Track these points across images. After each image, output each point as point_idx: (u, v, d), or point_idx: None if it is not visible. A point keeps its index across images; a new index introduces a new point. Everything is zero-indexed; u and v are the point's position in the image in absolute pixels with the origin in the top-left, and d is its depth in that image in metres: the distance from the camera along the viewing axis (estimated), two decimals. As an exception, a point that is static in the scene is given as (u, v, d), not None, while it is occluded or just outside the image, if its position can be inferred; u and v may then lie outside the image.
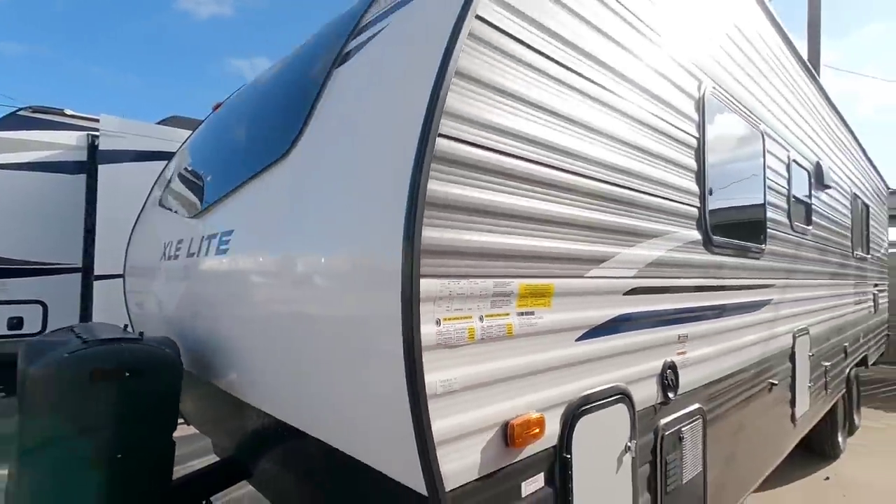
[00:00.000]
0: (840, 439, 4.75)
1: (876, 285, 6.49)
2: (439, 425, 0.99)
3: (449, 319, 1.04)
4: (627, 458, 1.53)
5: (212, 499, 2.45)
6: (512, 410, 1.16)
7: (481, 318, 1.11)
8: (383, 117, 1.22)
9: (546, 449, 1.26)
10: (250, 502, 2.82)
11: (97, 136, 5.81)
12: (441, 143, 1.02)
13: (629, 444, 1.53)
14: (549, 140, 1.30)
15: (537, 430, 1.20)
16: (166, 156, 5.68)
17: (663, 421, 1.74)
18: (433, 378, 0.98)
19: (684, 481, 1.83)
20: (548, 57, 1.31)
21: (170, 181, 2.83)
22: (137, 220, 3.32)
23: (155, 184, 3.26)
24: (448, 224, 1.03)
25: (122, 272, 5.16)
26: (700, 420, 1.96)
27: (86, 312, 5.71)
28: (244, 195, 1.79)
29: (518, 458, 1.18)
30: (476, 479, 1.08)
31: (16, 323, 5.41)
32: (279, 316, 1.44)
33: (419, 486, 1.00)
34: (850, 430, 5.27)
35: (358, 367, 1.13)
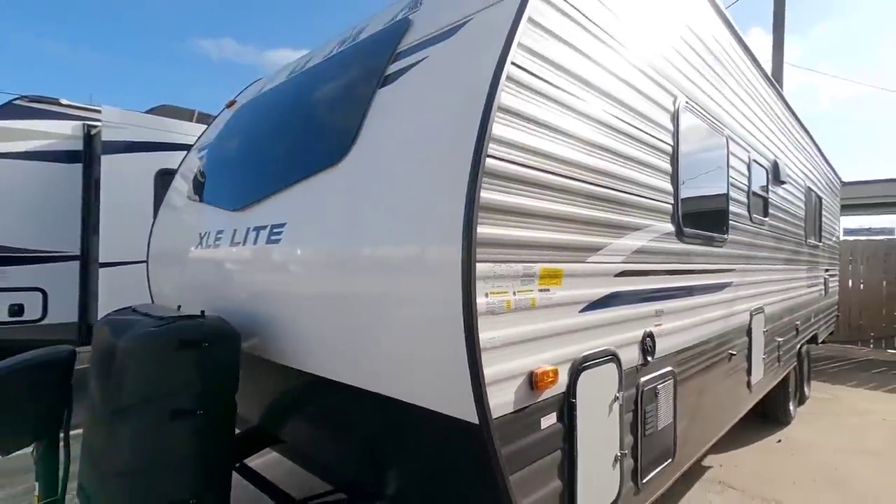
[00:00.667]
0: (791, 408, 5.35)
1: (827, 270, 7.13)
2: (488, 371, 1.35)
3: (493, 293, 1.39)
4: (616, 406, 1.93)
5: (246, 462, 2.78)
6: (535, 363, 1.53)
7: (514, 293, 1.47)
8: (438, 138, 1.55)
9: (558, 394, 1.64)
10: (281, 469, 3.13)
11: (93, 126, 5.91)
12: (489, 162, 1.36)
13: (617, 395, 1.93)
14: (562, 155, 1.66)
15: (552, 379, 1.58)
16: (164, 146, 5.87)
17: (643, 379, 2.16)
18: (484, 336, 1.34)
19: (659, 428, 2.26)
20: (562, 89, 1.66)
21: (200, 176, 3.08)
22: (160, 211, 3.54)
23: (177, 175, 3.48)
24: (494, 222, 1.39)
25: (126, 260, 5.35)
26: (672, 380, 2.39)
27: (84, 299, 5.86)
28: (294, 194, 2.10)
29: (539, 399, 1.56)
30: (511, 412, 1.45)
31: (17, 310, 5.54)
32: (344, 294, 1.77)
33: (472, 417, 1.35)
34: (801, 400, 5.90)
35: (422, 332, 1.48)
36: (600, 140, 1.87)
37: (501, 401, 1.41)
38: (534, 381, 1.51)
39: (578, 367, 1.72)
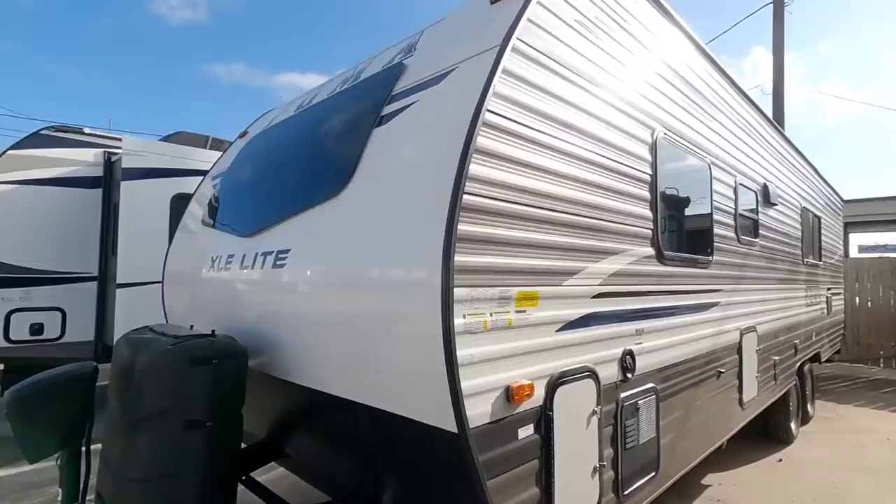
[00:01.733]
0: (793, 426, 5.37)
1: (829, 289, 7.16)
2: (465, 384, 1.50)
3: (471, 315, 1.56)
4: (594, 419, 2.07)
5: (252, 475, 2.92)
6: (512, 378, 1.69)
7: (491, 314, 1.63)
8: (423, 175, 1.74)
9: (535, 407, 1.79)
10: (285, 483, 3.27)
11: (113, 153, 6.24)
12: (466, 198, 1.54)
13: (596, 409, 2.07)
14: (539, 189, 1.84)
15: (529, 393, 1.73)
16: (179, 172, 6.16)
17: (623, 394, 2.29)
18: (462, 353, 1.50)
19: (640, 442, 2.38)
20: (537, 130, 1.85)
21: (213, 202, 3.30)
22: (176, 234, 3.76)
23: (192, 201, 3.71)
24: (471, 251, 1.56)
25: (142, 280, 5.60)
26: (654, 396, 2.51)
27: (102, 318, 6.11)
28: (298, 222, 2.29)
29: (516, 411, 1.70)
30: (488, 423, 1.60)
31: (37, 329, 5.80)
32: (339, 313, 1.95)
33: (451, 426, 1.50)
34: (805, 418, 5.91)
35: (407, 348, 1.64)
36: (576, 173, 2.04)
37: (479, 412, 1.56)
38: (510, 395, 1.66)
39: (555, 383, 1.87)
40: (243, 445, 2.96)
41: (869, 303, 9.79)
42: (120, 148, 5.99)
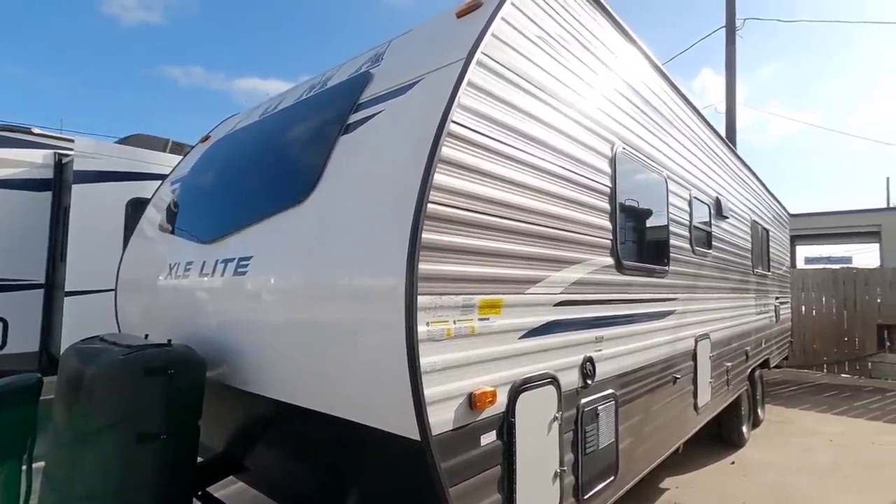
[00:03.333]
0: (745, 430, 5.61)
1: (777, 298, 7.55)
2: (428, 392, 1.51)
3: (434, 322, 1.57)
4: (556, 425, 2.11)
5: (209, 490, 2.82)
6: (474, 385, 1.71)
7: (454, 322, 1.65)
8: (388, 185, 1.76)
9: (497, 413, 1.82)
10: (245, 497, 3.17)
11: (64, 155, 5.95)
12: (430, 207, 1.56)
13: (557, 415, 2.11)
14: (502, 199, 1.88)
15: (491, 400, 1.75)
16: (136, 175, 5.94)
17: (583, 400, 2.34)
18: (425, 360, 1.51)
19: (600, 447, 2.44)
20: (501, 142, 1.90)
21: (172, 207, 3.20)
22: (131, 240, 3.62)
23: (149, 206, 3.59)
24: (435, 260, 1.58)
25: (93, 288, 5.34)
26: (613, 402, 2.58)
27: (48, 328, 5.78)
28: (261, 229, 2.26)
29: (478, 418, 1.72)
30: (451, 430, 1.61)
31: (-25, 339, 5.42)
32: (302, 321, 1.92)
33: (414, 434, 1.51)
34: (755, 422, 6.18)
35: (370, 356, 1.64)
36: (538, 184, 2.10)
37: (441, 419, 1.57)
38: (473, 402, 1.68)
39: (517, 389, 1.90)
40: (200, 459, 2.87)
41: (814, 311, 10.36)
42: (72, 150, 5.72)
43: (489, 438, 1.77)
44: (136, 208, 5.47)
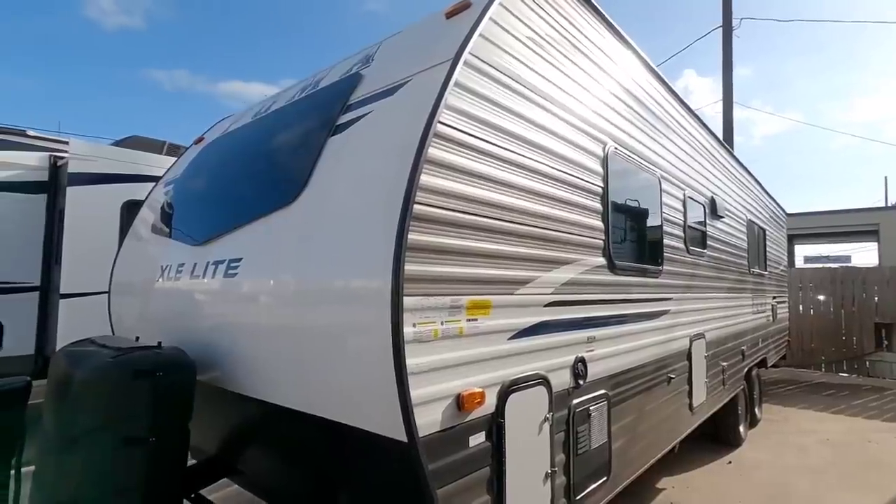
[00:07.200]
0: (742, 430, 5.61)
1: (774, 297, 7.55)
2: (415, 393, 1.50)
3: (421, 323, 1.57)
4: (546, 426, 2.10)
5: (201, 493, 2.82)
6: (462, 386, 1.70)
7: (442, 323, 1.65)
8: (375, 186, 1.75)
9: (486, 414, 1.81)
10: (240, 500, 3.16)
11: (59, 157, 5.95)
12: (416, 208, 1.56)
13: (547, 415, 2.11)
14: (491, 199, 1.88)
15: (480, 401, 1.74)
16: (131, 178, 5.93)
17: (575, 401, 2.34)
18: (411, 361, 1.50)
19: (592, 447, 2.43)
20: (489, 142, 1.89)
21: (166, 210, 3.20)
22: (124, 242, 3.62)
23: (143, 207, 3.58)
24: (421, 260, 1.57)
25: (88, 291, 5.33)
26: (605, 402, 2.58)
27: (44, 331, 5.77)
28: (251, 231, 2.25)
29: (467, 419, 1.72)
30: (438, 431, 1.60)
31: (-30, 343, 5.40)
32: (291, 324, 1.92)
33: (401, 435, 1.50)
34: (753, 422, 6.17)
35: (357, 357, 1.63)
36: (528, 185, 2.09)
37: (428, 420, 1.57)
38: (461, 403, 1.68)
39: (507, 390, 1.90)
40: (193, 461, 2.86)
41: (811, 310, 10.36)
42: (67, 152, 5.71)
43: (478, 439, 1.77)
44: (131, 210, 5.46)
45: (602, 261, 2.64)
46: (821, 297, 10.28)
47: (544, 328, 2.15)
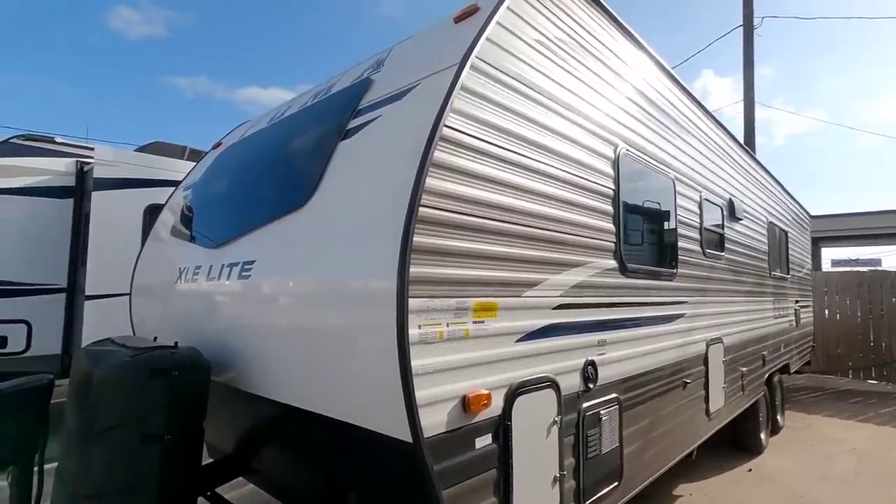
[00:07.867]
0: (763, 437, 5.47)
1: (797, 301, 7.35)
2: (420, 394, 1.52)
3: (426, 325, 1.58)
4: (555, 429, 2.09)
5: (217, 491, 2.87)
6: (468, 387, 1.71)
7: (448, 325, 1.66)
8: (382, 189, 1.78)
9: (493, 416, 1.81)
10: (255, 499, 3.22)
11: (86, 163, 6.14)
12: (422, 211, 1.58)
13: (556, 419, 2.10)
14: (498, 202, 1.88)
15: (486, 402, 1.75)
16: (154, 182, 6.09)
17: (585, 404, 2.32)
18: (416, 363, 1.52)
19: (603, 451, 2.41)
20: (496, 145, 1.90)
21: (184, 213, 3.28)
22: (145, 245, 3.72)
23: (163, 211, 3.68)
24: (427, 263, 1.59)
25: (112, 292, 5.49)
26: (617, 406, 2.55)
27: (70, 331, 5.95)
28: (264, 233, 2.30)
29: (473, 421, 1.72)
30: (444, 432, 1.61)
31: (0, 342, 5.61)
32: (299, 324, 1.95)
33: (406, 436, 1.52)
34: (774, 429, 6.02)
35: (364, 358, 1.66)
36: (536, 187, 2.10)
37: (434, 421, 1.58)
38: (467, 404, 1.68)
39: (514, 392, 1.90)
40: (209, 460, 2.92)
41: (838, 315, 10.05)
42: (92, 157, 5.90)
43: (484, 441, 1.77)
44: (153, 214, 5.62)
45: (613, 263, 2.62)
46: (847, 302, 9.98)
47: (553, 331, 2.14)
